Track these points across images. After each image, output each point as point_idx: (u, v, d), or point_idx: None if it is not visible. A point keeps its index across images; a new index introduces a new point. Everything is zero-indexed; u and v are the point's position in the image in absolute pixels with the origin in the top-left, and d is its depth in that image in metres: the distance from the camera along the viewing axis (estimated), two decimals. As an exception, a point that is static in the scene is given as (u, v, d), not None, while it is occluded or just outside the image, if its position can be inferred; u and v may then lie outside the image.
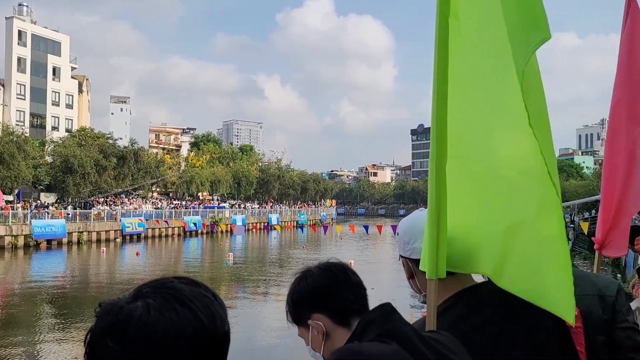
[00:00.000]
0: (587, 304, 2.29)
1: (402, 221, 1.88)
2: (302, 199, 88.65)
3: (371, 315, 1.37)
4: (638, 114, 3.00)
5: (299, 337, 1.54)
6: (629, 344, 2.28)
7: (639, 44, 3.14)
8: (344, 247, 37.98)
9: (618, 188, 2.98)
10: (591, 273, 2.65)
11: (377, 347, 1.24)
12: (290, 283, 1.54)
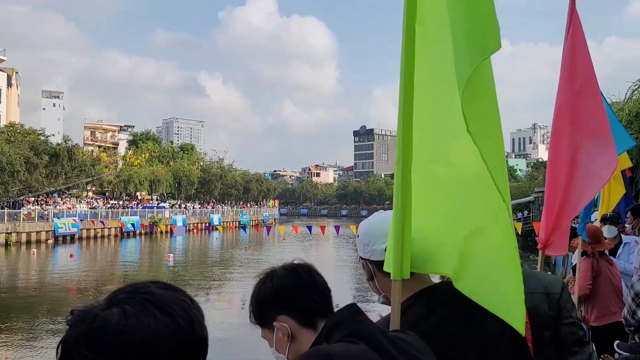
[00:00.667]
0: (534, 302, 2.40)
1: (362, 223, 1.89)
2: (244, 199, 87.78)
3: (338, 316, 1.37)
4: (579, 121, 3.17)
5: (262, 338, 1.52)
6: (573, 338, 2.40)
7: (579, 55, 3.32)
8: (287, 247, 37.87)
9: (560, 191, 3.14)
10: (537, 272, 2.79)
11: (345, 348, 1.25)
12: (254, 284, 1.52)
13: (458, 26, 1.49)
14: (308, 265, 1.50)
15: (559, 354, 2.41)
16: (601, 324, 4.81)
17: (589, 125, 3.18)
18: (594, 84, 3.34)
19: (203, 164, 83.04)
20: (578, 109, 3.19)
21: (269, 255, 33.82)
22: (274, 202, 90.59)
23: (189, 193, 74.46)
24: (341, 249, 37.73)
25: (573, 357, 2.39)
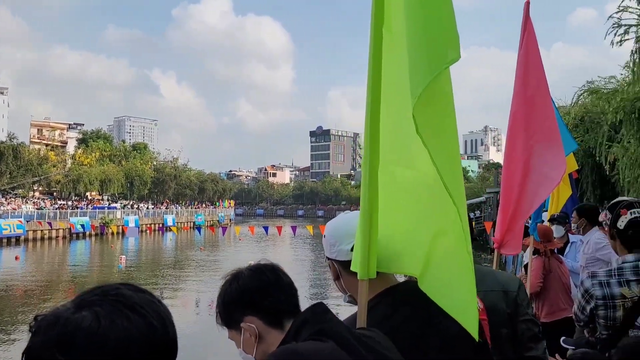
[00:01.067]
0: (492, 300, 2.47)
1: (328, 224, 1.91)
2: (199, 199, 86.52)
3: (305, 315, 1.38)
4: (532, 126, 3.29)
5: (230, 339, 1.52)
6: (529, 334, 2.49)
7: (532, 61, 3.45)
8: (243, 248, 37.52)
9: (515, 193, 3.25)
10: (494, 270, 2.87)
11: (314, 346, 1.27)
12: (220, 285, 1.52)
13: (419, 35, 1.51)
14: (274, 265, 1.51)
15: (516, 350, 2.50)
16: (551, 320, 5.00)
17: (541, 130, 3.32)
18: (546, 89, 3.49)
19: (156, 163, 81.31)
20: (531, 114, 3.31)
21: (224, 256, 33.46)
22: (229, 202, 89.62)
23: (142, 193, 72.78)
24: (298, 250, 37.72)
25: (529, 353, 2.48)
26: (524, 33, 3.45)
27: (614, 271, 2.66)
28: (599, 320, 2.64)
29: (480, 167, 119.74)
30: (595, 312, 2.64)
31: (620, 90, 15.36)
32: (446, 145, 1.55)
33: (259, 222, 70.08)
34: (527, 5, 3.51)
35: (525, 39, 3.43)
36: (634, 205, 2.67)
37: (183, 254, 37.31)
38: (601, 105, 18.49)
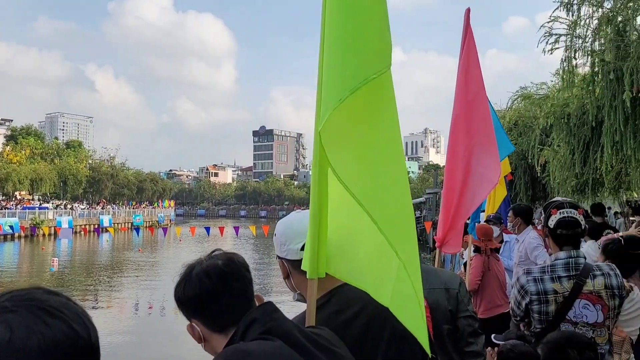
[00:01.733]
0: (435, 297, 2.55)
1: (279, 223, 1.91)
2: (137, 199, 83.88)
3: (254, 314, 1.38)
4: (473, 129, 3.42)
5: None
6: (470, 330, 2.59)
7: (472, 67, 3.58)
8: (184, 249, 36.73)
9: (456, 193, 3.36)
10: (437, 268, 2.96)
11: (262, 346, 1.28)
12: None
13: (352, 41, 1.49)
14: (228, 262, 1.45)
15: (456, 346, 2.59)
16: (488, 317, 5.20)
17: (480, 133, 3.45)
18: (484, 94, 3.63)
19: (92, 162, 78.13)
20: (472, 117, 3.44)
21: (164, 258, 32.65)
22: (169, 202, 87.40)
23: (76, 193, 69.81)
24: (241, 250, 37.30)
25: (469, 348, 2.57)
26: (464, 39, 3.57)
27: (547, 268, 2.80)
28: (534, 314, 2.77)
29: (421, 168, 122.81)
30: (530, 307, 2.77)
31: (551, 96, 16.20)
32: (393, 149, 1.56)
33: (200, 222, 68.83)
34: (468, 12, 3.65)
35: (466, 45, 3.56)
36: (564, 205, 2.82)
37: (120, 256, 36.09)
38: (533, 110, 19.42)
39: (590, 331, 2.69)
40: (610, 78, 9.95)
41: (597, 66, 10.64)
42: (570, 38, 10.96)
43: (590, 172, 13.53)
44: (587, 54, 10.83)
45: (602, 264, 2.88)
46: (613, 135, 10.40)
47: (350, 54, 1.44)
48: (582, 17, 10.71)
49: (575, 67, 11.42)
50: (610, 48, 10.03)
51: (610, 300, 2.71)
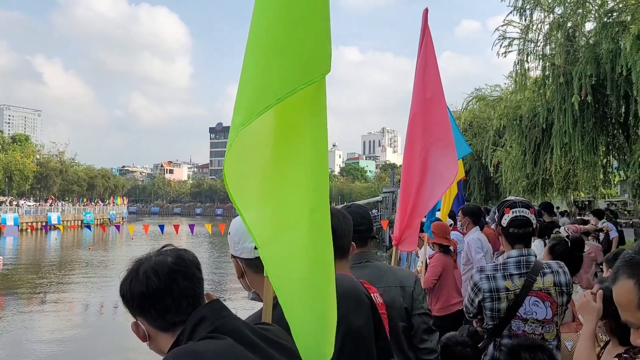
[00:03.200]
0: (391, 295, 2.57)
1: (233, 221, 1.88)
2: (88, 196, 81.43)
3: (202, 313, 1.35)
4: (430, 128, 3.45)
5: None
6: (424, 327, 2.61)
7: (430, 67, 3.61)
8: (136, 247, 35.90)
9: (413, 192, 3.39)
10: (394, 267, 2.97)
11: (211, 345, 1.26)
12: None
13: (292, 44, 1.39)
14: (177, 260, 1.40)
15: (411, 343, 2.61)
16: (443, 314, 5.27)
17: (437, 132, 3.49)
18: (441, 94, 3.67)
19: (40, 157, 75.34)
20: (429, 116, 3.47)
21: (115, 256, 31.82)
22: (122, 199, 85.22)
23: (23, 189, 67.18)
24: (196, 248, 36.79)
25: (423, 345, 2.60)
26: (422, 39, 3.60)
27: (499, 266, 2.85)
28: (486, 311, 2.82)
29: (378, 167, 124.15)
30: (483, 304, 2.82)
31: (504, 98, 16.65)
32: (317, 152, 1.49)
33: (154, 220, 67.37)
34: (426, 13, 3.67)
35: (424, 45, 3.58)
36: (516, 204, 2.88)
37: (69, 254, 34.94)
38: (487, 112, 19.95)
39: (539, 327, 2.76)
40: (560, 82, 10.32)
41: (548, 70, 11.02)
42: (523, 42, 11.30)
43: (541, 173, 14.02)
44: (538, 58, 11.19)
45: (552, 262, 2.95)
46: (562, 137, 10.78)
47: (279, 60, 1.35)
48: (534, 22, 11.07)
49: (527, 70, 11.79)
50: (560, 52, 10.39)
51: (558, 297, 2.78)
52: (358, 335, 1.73)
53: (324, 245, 1.49)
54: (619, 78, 9.09)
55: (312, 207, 1.46)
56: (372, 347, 1.81)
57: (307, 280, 1.48)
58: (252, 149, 1.45)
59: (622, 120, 10.89)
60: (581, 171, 12.41)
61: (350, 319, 1.71)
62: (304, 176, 1.46)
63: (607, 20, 9.69)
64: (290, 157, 1.46)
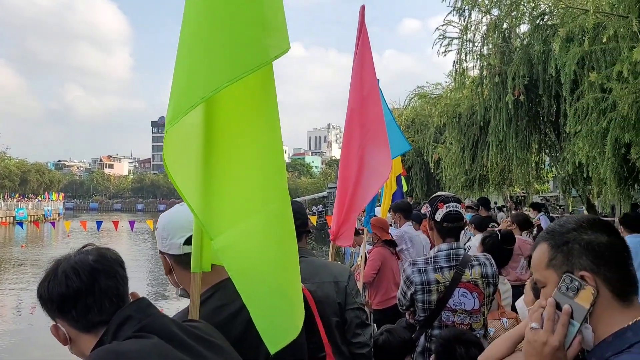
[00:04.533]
0: (325, 290, 2.58)
1: (161, 216, 1.85)
2: (21, 191, 77.63)
3: (126, 312, 1.32)
4: (367, 124, 3.49)
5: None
6: (357, 322, 2.64)
7: (367, 64, 3.65)
8: (72, 245, 34.47)
9: (350, 187, 3.42)
10: (329, 262, 2.99)
11: (135, 344, 1.23)
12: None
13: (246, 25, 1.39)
14: (99, 258, 1.37)
15: (344, 337, 2.64)
16: (383, 307, 5.37)
17: (373, 128, 3.54)
18: (377, 91, 3.73)
19: (-33, 150, 71.17)
20: (366, 113, 3.51)
21: (50, 254, 30.44)
22: (58, 195, 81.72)
23: (-51, 184, 63.33)
24: (135, 246, 35.69)
25: (356, 339, 2.63)
26: (359, 36, 3.63)
27: (430, 259, 2.93)
28: (418, 303, 2.89)
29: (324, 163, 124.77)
30: (415, 297, 2.89)
31: (445, 96, 17.09)
32: (271, 137, 1.51)
33: (92, 216, 65.11)
34: (363, 10, 3.71)
35: (361, 42, 3.62)
36: (449, 199, 2.97)
37: (0, 253, 33.23)
38: (429, 109, 20.41)
39: (467, 317, 2.86)
40: (495, 81, 10.70)
41: (485, 69, 11.40)
42: (462, 42, 11.62)
43: (478, 169, 14.50)
44: (476, 58, 11.55)
45: (480, 254, 3.07)
46: (498, 135, 11.19)
47: (210, 53, 1.34)
48: (472, 23, 11.40)
49: (466, 69, 12.14)
50: (496, 53, 10.76)
51: (485, 288, 2.89)
52: None
53: (282, 234, 1.51)
54: (550, 79, 9.52)
55: (267, 198, 1.47)
56: (303, 342, 1.82)
57: (267, 269, 1.51)
58: (196, 140, 1.45)
59: (554, 119, 11.42)
60: (515, 168, 12.93)
61: None
62: (257, 167, 1.46)
63: (539, 23, 10.14)
64: (239, 148, 1.46)
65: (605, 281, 1.21)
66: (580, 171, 8.46)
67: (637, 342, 1.15)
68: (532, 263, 1.36)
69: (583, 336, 1.22)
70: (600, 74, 6.68)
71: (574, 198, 14.51)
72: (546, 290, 1.29)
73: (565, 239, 1.27)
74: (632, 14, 6.11)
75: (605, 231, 1.26)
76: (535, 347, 1.23)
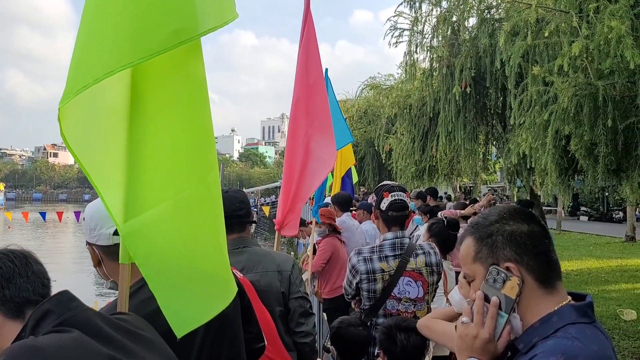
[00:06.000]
0: (269, 279, 2.56)
1: (88, 206, 1.77)
2: (-42, 181, 73.84)
3: (47, 305, 1.25)
4: (313, 113, 3.47)
5: None
6: (301, 311, 2.64)
7: (312, 53, 3.62)
8: (14, 237, 33.07)
9: (296, 177, 3.39)
10: (273, 251, 2.96)
11: (54, 339, 1.16)
12: None
13: None
14: (23, 251, 1.37)
15: (287, 326, 2.63)
16: (333, 297, 5.40)
17: (319, 118, 3.52)
18: (323, 80, 3.72)
19: None
20: (312, 102, 3.49)
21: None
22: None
23: None
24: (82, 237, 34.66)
25: (299, 328, 2.62)
26: (304, 24, 3.59)
27: (376, 248, 2.95)
28: (363, 292, 2.90)
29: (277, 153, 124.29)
30: (360, 285, 2.90)
31: (396, 87, 17.27)
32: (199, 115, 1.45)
33: (35, 207, 62.63)
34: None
35: (306, 31, 3.58)
36: (394, 189, 2.98)
37: None
38: (381, 100, 20.60)
39: (412, 306, 2.89)
40: (444, 73, 10.87)
41: (435, 61, 11.56)
42: (412, 33, 11.74)
43: (428, 160, 14.75)
44: (426, 50, 11.70)
45: (424, 243, 3.11)
46: (447, 126, 11.40)
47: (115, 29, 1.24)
48: (422, 15, 11.52)
49: (416, 61, 12.28)
50: (445, 45, 10.93)
51: (429, 277, 2.93)
52: (223, 321, 1.70)
53: (198, 222, 1.47)
54: (497, 72, 9.75)
55: (180, 186, 1.41)
56: (239, 332, 1.80)
57: (176, 256, 1.46)
58: (107, 121, 1.35)
59: (500, 111, 11.73)
60: (463, 158, 13.21)
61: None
62: (171, 152, 1.40)
63: (485, 16, 10.35)
64: (154, 131, 1.38)
65: (529, 270, 1.24)
66: (524, 162, 8.72)
67: (563, 327, 1.18)
68: (460, 258, 1.37)
69: (512, 326, 1.24)
70: (543, 67, 6.87)
71: (519, 188, 14.99)
72: (475, 283, 1.30)
73: (488, 232, 1.29)
74: (572, 9, 6.31)
75: (526, 220, 1.29)
76: (467, 341, 1.25)
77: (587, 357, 1.11)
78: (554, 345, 1.14)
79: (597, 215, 34.47)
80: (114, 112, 1.35)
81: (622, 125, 5.85)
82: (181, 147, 1.41)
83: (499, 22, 9.71)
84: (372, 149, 21.64)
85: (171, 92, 1.39)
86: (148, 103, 1.37)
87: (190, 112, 1.42)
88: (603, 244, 19.13)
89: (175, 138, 1.40)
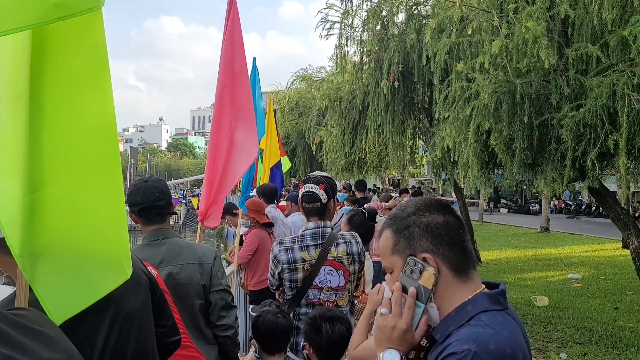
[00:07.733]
0: (189, 272, 2.50)
1: None
2: None
3: None
4: (238, 101, 3.41)
5: None
6: (222, 304, 2.59)
7: (237, 40, 3.56)
8: None
9: (220, 167, 3.33)
10: (194, 243, 2.89)
11: None
12: None
13: None
14: None
15: (207, 319, 2.58)
16: (259, 289, 5.36)
17: (243, 108, 3.47)
18: (246, 71, 3.67)
19: None
20: (237, 90, 3.43)
21: None
22: None
23: None
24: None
25: (220, 322, 2.58)
26: (229, 11, 3.52)
27: (297, 238, 2.95)
28: (285, 282, 2.90)
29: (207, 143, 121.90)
30: (282, 275, 2.90)
31: (327, 80, 17.37)
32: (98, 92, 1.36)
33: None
34: (234, -15, 3.60)
35: (231, 19, 3.51)
36: (309, 180, 3.00)
37: None
38: (312, 92, 20.65)
39: (333, 295, 2.92)
40: (372, 67, 11.04)
41: (365, 55, 11.71)
42: (343, 26, 11.83)
43: (357, 152, 14.97)
44: (356, 43, 11.83)
45: (346, 233, 3.14)
46: (376, 119, 11.59)
47: None
48: (353, 8, 11.62)
49: (347, 54, 12.39)
50: (375, 39, 11.09)
51: (351, 266, 2.97)
52: (130, 316, 1.64)
53: (72, 214, 1.39)
54: (424, 67, 10.02)
55: (44, 180, 1.31)
56: (148, 327, 1.74)
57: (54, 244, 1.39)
58: None
59: (427, 105, 12.07)
60: (391, 151, 13.50)
61: (124, 300, 1.62)
62: (40, 143, 1.30)
63: (413, 12, 10.60)
64: (41, 117, 1.28)
65: (445, 260, 1.26)
66: (449, 155, 9.01)
67: (476, 315, 1.22)
68: (379, 250, 1.38)
69: (430, 315, 1.27)
70: (466, 64, 7.13)
71: (445, 181, 15.53)
72: (393, 275, 1.32)
73: (406, 223, 1.31)
74: (493, 9, 6.58)
75: (441, 211, 1.32)
76: (385, 332, 1.26)
77: (498, 343, 1.14)
78: (466, 334, 1.17)
79: (516, 208, 36.43)
80: None
81: (537, 121, 6.17)
82: (65, 132, 1.32)
83: (426, 18, 9.97)
84: (303, 141, 21.69)
85: (64, 70, 1.29)
86: (35, 81, 1.27)
87: (83, 92, 1.32)
88: (520, 235, 20.25)
89: (62, 121, 1.30)
